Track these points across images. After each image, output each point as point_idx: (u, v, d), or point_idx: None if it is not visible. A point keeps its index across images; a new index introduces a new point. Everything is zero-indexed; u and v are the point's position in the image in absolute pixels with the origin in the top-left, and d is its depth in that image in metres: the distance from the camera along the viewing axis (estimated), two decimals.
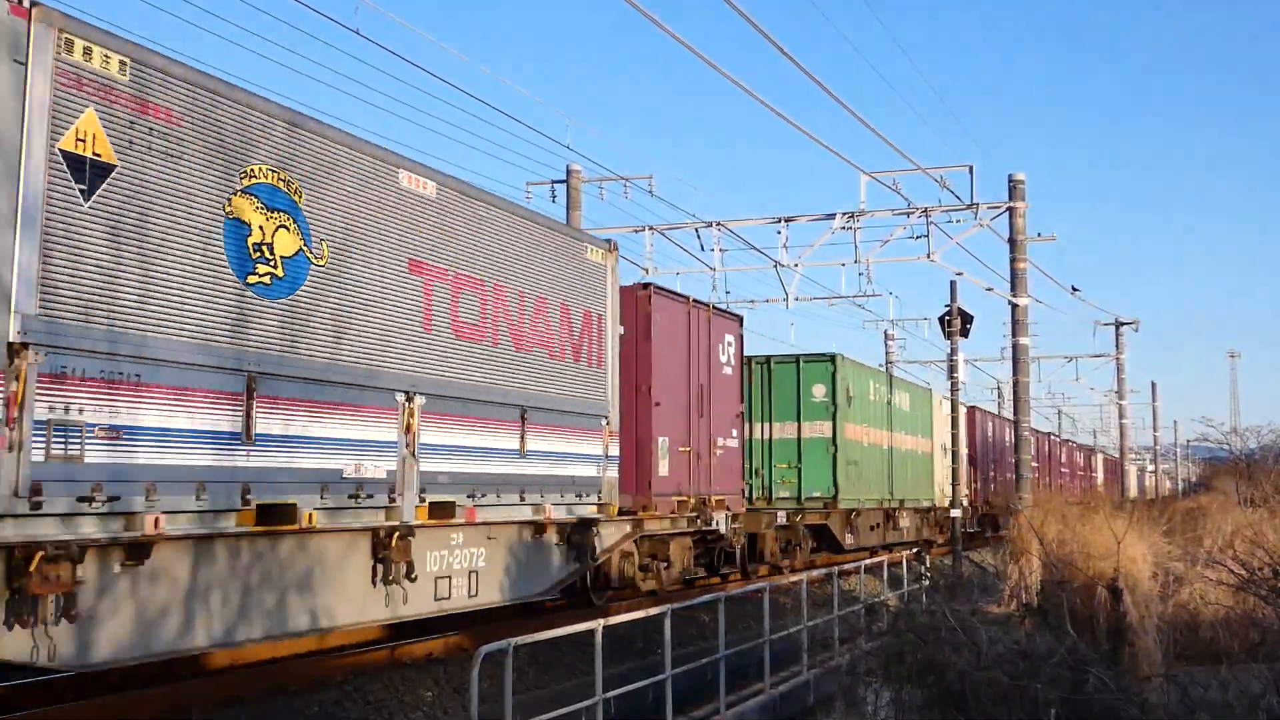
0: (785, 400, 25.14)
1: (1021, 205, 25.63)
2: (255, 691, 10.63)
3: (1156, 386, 74.14)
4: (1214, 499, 26.02)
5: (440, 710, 11.19)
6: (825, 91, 16.63)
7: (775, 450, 25.08)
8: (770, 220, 27.79)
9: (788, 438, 25.08)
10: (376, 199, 11.60)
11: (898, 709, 10.96)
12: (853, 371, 26.36)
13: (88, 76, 8.53)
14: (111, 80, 8.71)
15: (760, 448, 25.01)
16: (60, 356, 8.20)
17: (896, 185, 25.73)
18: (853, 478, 25.69)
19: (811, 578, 16.48)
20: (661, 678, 11.09)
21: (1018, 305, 25.78)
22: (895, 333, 50.20)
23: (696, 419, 18.46)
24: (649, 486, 16.94)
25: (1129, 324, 51.98)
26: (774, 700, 13.30)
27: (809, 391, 25.06)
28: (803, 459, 24.93)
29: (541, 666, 13.04)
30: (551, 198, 27.90)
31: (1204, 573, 15.87)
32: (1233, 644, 13.79)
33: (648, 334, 17.22)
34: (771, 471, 24.91)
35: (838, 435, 24.97)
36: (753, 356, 24.36)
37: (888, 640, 11.55)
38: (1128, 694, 9.68)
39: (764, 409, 25.04)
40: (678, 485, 17.75)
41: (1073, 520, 17.68)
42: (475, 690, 8.14)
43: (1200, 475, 53.19)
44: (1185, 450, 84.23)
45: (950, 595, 15.90)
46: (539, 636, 9.43)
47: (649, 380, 17.15)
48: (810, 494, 24.74)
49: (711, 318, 19.30)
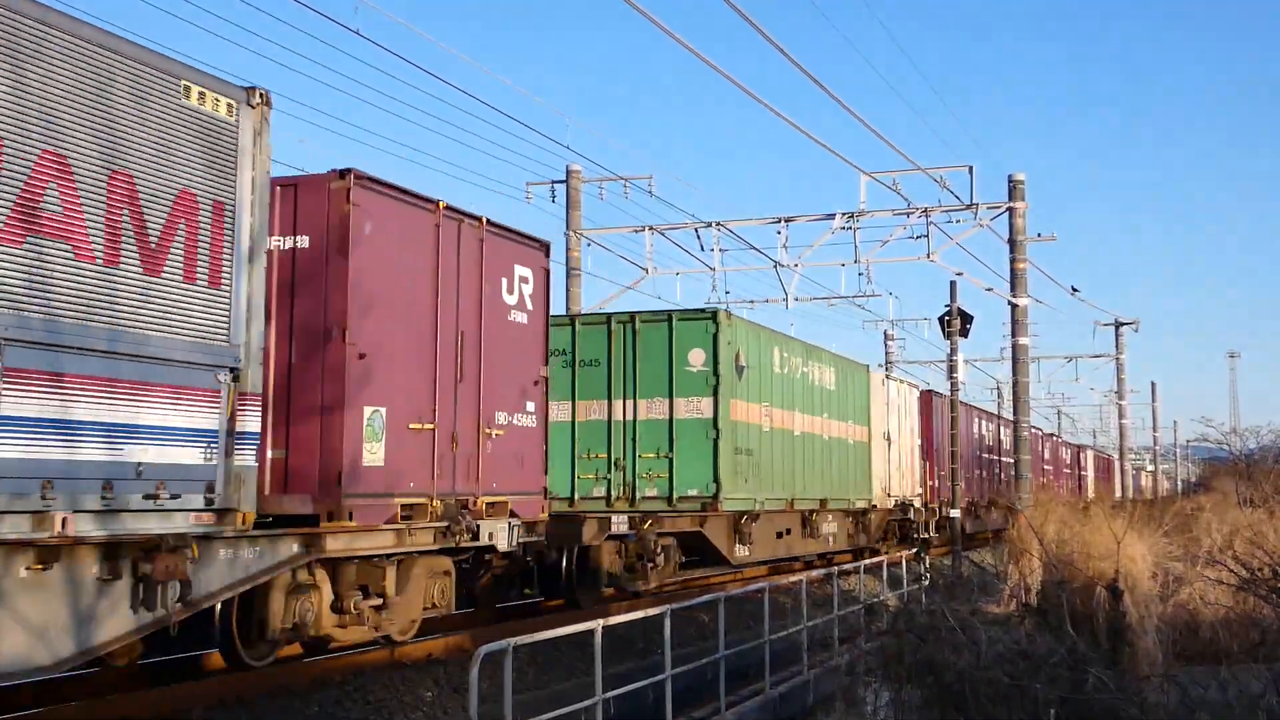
0: (653, 370, 19.69)
1: (1021, 205, 25.66)
2: (255, 691, 10.62)
3: (1156, 386, 74.45)
4: (1214, 499, 26.01)
5: (440, 710, 11.19)
6: (825, 91, 16.66)
7: (640, 435, 19.59)
8: (770, 220, 27.82)
9: (656, 418, 19.59)
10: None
11: (897, 709, 10.98)
12: (747, 334, 21.07)
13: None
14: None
15: (620, 432, 19.65)
16: None
17: (896, 185, 25.79)
18: (744, 471, 20.33)
19: (811, 578, 16.46)
20: (661, 678, 11.10)
21: (1018, 305, 25.80)
22: (895, 333, 50.29)
23: (452, 384, 12.66)
24: (340, 482, 11.06)
25: (1129, 324, 52.07)
26: (774, 700, 13.30)
27: (684, 359, 19.64)
28: (675, 446, 19.44)
29: (541, 666, 13.04)
30: (551, 198, 27.97)
31: (1204, 573, 15.88)
32: (1233, 644, 13.81)
33: (344, 247, 11.35)
34: (635, 463, 19.51)
35: (721, 415, 19.44)
36: (614, 313, 20.24)
37: (887, 640, 11.56)
38: (1127, 694, 9.69)
39: (626, 381, 19.73)
40: (407, 481, 12.00)
41: (1071, 520, 17.70)
42: (475, 690, 8.14)
43: (1200, 475, 53.11)
44: (1185, 450, 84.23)
45: (950, 595, 15.92)
46: (539, 636, 9.43)
47: (345, 318, 11.25)
48: (685, 492, 19.33)
49: (487, 238, 13.35)
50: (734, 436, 19.90)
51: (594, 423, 19.69)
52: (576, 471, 19.52)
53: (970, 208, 25.56)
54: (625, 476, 19.58)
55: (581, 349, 19.82)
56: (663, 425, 19.59)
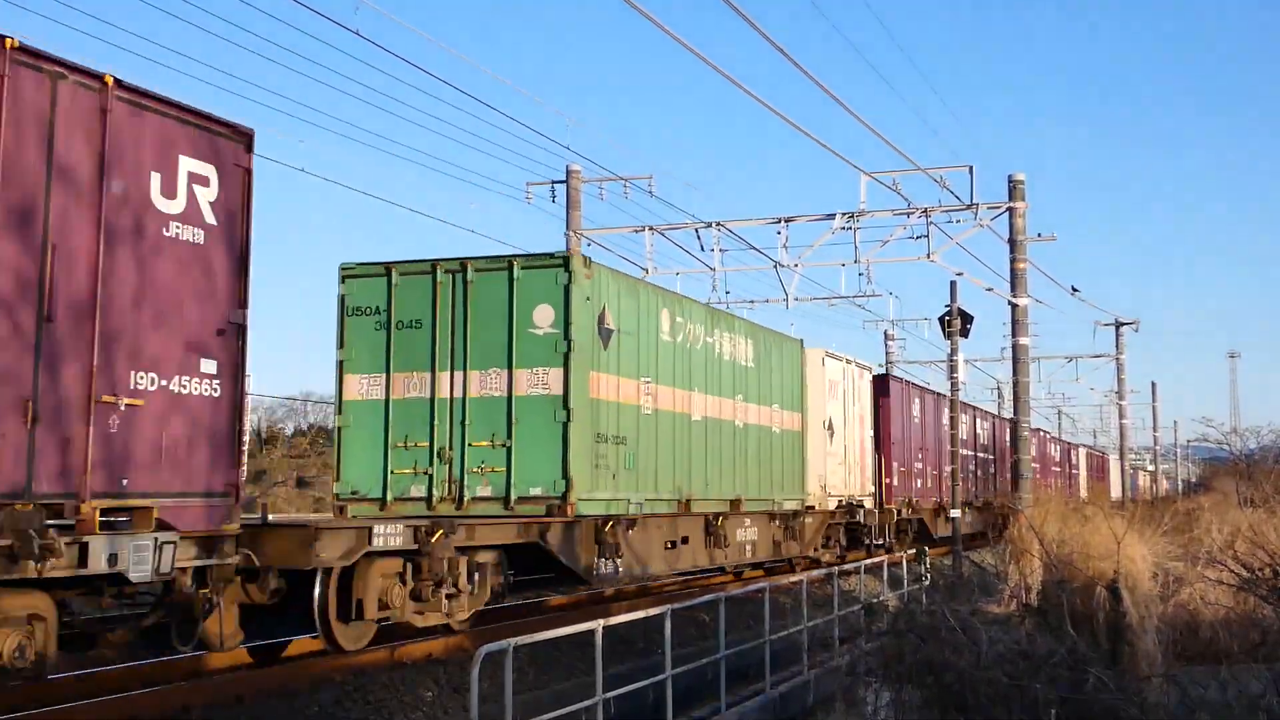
0: (490, 333, 15.38)
1: (1021, 205, 25.66)
2: (255, 691, 10.63)
3: (1156, 386, 74.51)
4: (1214, 499, 26.05)
5: (440, 710, 11.20)
6: (825, 91, 16.66)
7: (471, 418, 15.27)
8: (770, 220, 27.81)
9: (492, 395, 15.26)
10: None
11: (898, 709, 10.99)
12: (619, 290, 16.46)
13: None
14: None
15: (447, 414, 15.32)
16: None
17: (896, 185, 25.77)
18: (611, 464, 15.98)
19: (812, 578, 16.46)
20: (662, 678, 11.11)
21: (1018, 305, 25.80)
22: (895, 333, 50.27)
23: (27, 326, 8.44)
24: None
25: (1129, 324, 52.08)
26: (774, 700, 13.31)
27: (528, 318, 15.30)
28: (515, 432, 15.12)
29: (541, 666, 13.04)
30: (551, 198, 27.98)
31: (1204, 573, 15.89)
32: (1233, 644, 13.82)
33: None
34: (464, 454, 15.26)
35: (574, 391, 15.08)
36: (441, 259, 15.65)
37: (887, 640, 11.57)
38: (1128, 694, 9.70)
39: (455, 348, 15.42)
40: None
41: (1070, 520, 17.72)
42: (475, 690, 8.15)
43: (1200, 475, 53.11)
44: (1185, 450, 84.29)
45: (950, 595, 15.94)
46: (539, 636, 9.44)
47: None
48: (526, 491, 15.05)
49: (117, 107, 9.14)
50: (595, 419, 15.60)
51: (414, 401, 15.41)
52: (391, 465, 15.39)
53: (970, 208, 25.56)
54: (452, 471, 15.26)
55: (399, 306, 15.61)
56: (500, 404, 15.23)
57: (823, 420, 24.90)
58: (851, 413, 26.95)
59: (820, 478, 24.33)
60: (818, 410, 24.58)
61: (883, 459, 28.96)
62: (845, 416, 26.39)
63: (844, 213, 26.44)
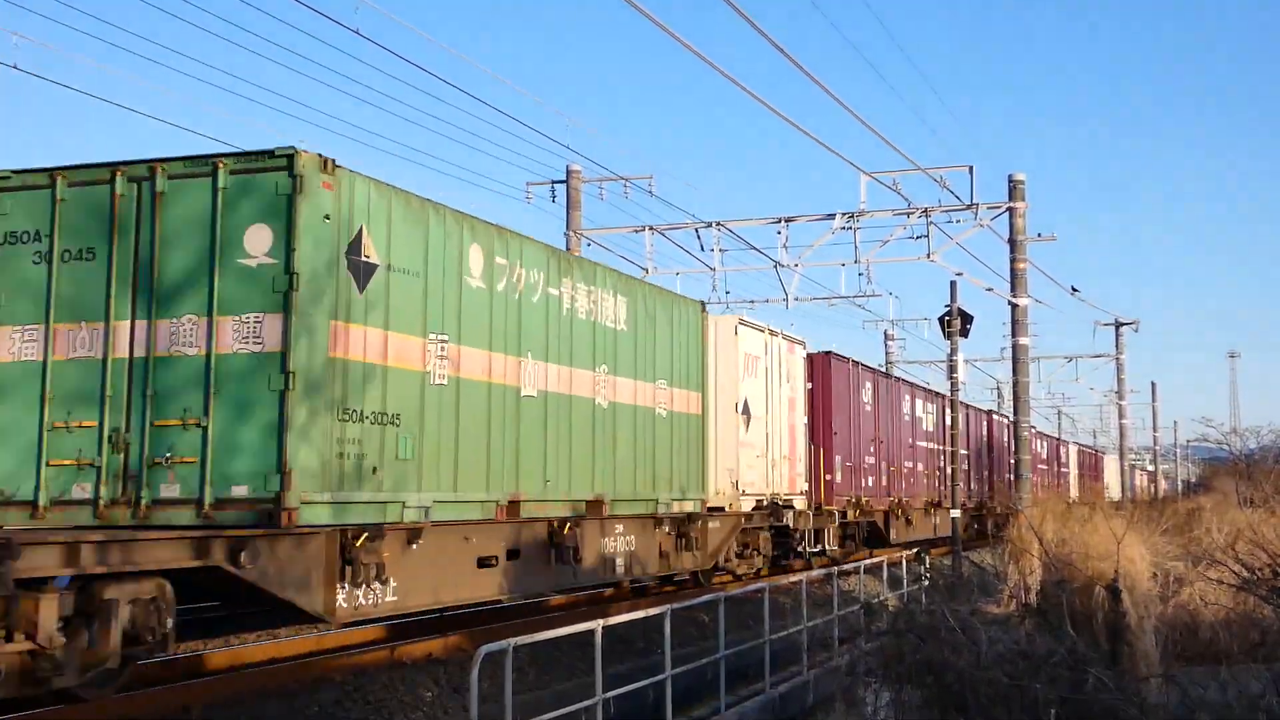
0: (186, 265, 11.06)
1: (1021, 205, 25.67)
2: (255, 691, 10.64)
3: (1156, 386, 74.44)
4: (1214, 499, 26.03)
5: (440, 710, 11.20)
6: (825, 91, 16.65)
7: (157, 386, 10.90)
8: (770, 220, 27.81)
9: (186, 354, 10.90)
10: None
11: (897, 709, 10.98)
12: (390, 208, 11.97)
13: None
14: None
15: (125, 380, 10.99)
16: None
17: (896, 185, 25.78)
18: (370, 452, 11.49)
19: (811, 578, 16.46)
20: (661, 678, 11.11)
21: (1018, 305, 25.80)
22: (895, 333, 50.27)
23: None
24: None
25: (1129, 324, 52.08)
26: (774, 700, 13.32)
27: (237, 245, 10.89)
28: (213, 407, 10.71)
29: (541, 666, 13.05)
30: (551, 198, 27.98)
31: (1204, 573, 15.88)
32: (1233, 644, 13.81)
33: None
34: (146, 439, 10.80)
35: (298, 348, 10.69)
36: (124, 163, 11.29)
37: (887, 640, 11.56)
38: (1127, 694, 9.69)
39: (136, 286, 11.11)
40: None
41: (1069, 520, 17.72)
42: (475, 690, 8.16)
43: (1200, 475, 52.98)
44: (1185, 450, 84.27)
45: (950, 595, 15.93)
46: (539, 636, 9.45)
47: None
48: (227, 491, 10.57)
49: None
50: (341, 389, 11.13)
51: (84, 363, 11.10)
52: (46, 454, 10.97)
53: (970, 208, 25.56)
54: (128, 462, 10.80)
55: (65, 230, 11.28)
56: (196, 366, 10.83)
57: (735, 402, 20.25)
58: (778, 395, 22.06)
59: (731, 472, 19.93)
60: (728, 390, 20.14)
61: (821, 451, 24.40)
62: (769, 399, 21.51)
63: (844, 213, 26.44)
